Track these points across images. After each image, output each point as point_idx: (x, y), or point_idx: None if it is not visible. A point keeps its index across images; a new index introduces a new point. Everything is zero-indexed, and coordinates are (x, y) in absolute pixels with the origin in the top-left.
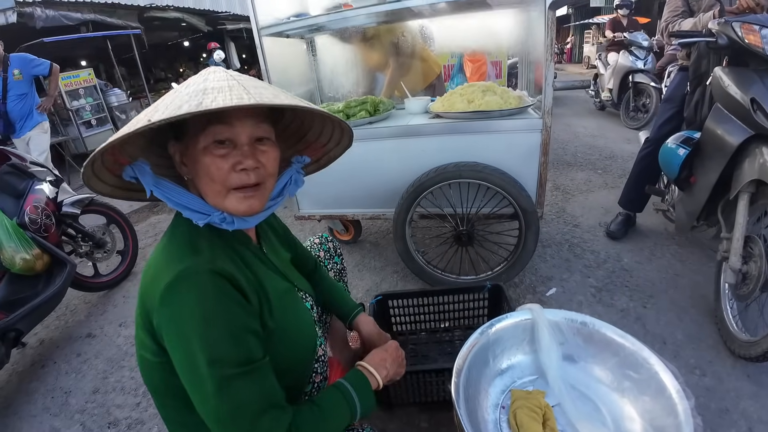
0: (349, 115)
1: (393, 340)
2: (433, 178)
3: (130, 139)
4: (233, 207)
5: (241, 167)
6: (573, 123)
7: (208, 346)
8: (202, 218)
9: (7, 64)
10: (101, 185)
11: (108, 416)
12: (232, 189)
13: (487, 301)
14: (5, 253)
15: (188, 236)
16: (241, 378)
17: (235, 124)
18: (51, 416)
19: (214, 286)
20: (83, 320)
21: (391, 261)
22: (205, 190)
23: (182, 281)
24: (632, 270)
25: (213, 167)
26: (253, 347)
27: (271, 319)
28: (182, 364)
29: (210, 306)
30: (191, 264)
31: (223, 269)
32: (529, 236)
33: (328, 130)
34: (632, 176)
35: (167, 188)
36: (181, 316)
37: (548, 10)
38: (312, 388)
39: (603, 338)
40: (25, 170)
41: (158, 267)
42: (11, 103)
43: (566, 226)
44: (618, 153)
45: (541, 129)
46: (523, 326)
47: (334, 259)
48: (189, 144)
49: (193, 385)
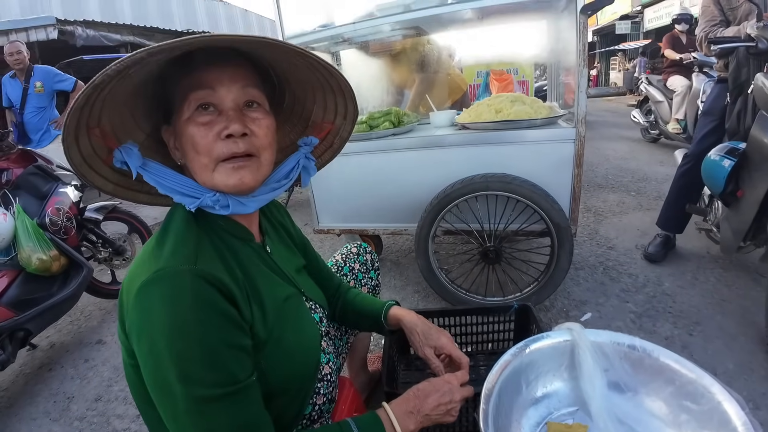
0: (372, 126)
1: (453, 375)
2: (459, 190)
3: (122, 121)
4: (222, 182)
5: (226, 132)
6: (602, 146)
7: (179, 361)
8: (192, 202)
9: (30, 75)
10: (101, 181)
11: (107, 426)
12: (220, 161)
13: (513, 324)
14: (23, 252)
15: (177, 229)
16: (217, 401)
17: (219, 88)
18: (50, 421)
19: (193, 291)
20: (96, 326)
21: (412, 280)
22: (194, 166)
23: (156, 283)
24: (674, 295)
25: (197, 137)
26: (234, 366)
27: (263, 329)
28: (151, 376)
29: (184, 315)
30: (170, 264)
31: (207, 272)
32: (562, 254)
33: (331, 101)
34: (671, 194)
35: (156, 170)
36: (150, 323)
37: (580, 15)
38: (312, 410)
39: (655, 364)
40: (51, 173)
41: (140, 262)
42: (29, 115)
43: (600, 248)
44: (651, 175)
45: (575, 139)
46: (561, 348)
47: (370, 274)
48: (176, 122)
49: (161, 401)
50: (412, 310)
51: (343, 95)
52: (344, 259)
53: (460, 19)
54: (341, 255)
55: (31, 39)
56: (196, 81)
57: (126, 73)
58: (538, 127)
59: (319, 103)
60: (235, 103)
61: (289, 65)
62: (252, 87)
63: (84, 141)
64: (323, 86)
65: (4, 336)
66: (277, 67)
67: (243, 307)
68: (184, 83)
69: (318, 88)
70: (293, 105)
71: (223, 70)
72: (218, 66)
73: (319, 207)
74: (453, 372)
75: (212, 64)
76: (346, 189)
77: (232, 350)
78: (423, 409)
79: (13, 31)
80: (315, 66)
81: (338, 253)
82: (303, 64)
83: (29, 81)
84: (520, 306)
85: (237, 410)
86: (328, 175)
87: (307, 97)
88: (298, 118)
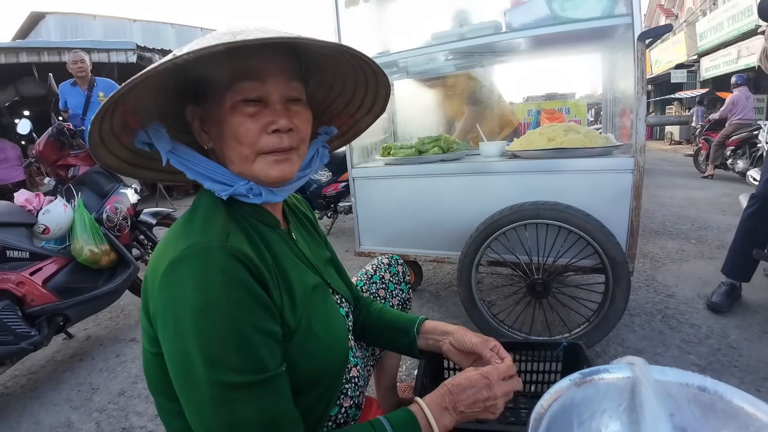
0: (422, 151)
1: (493, 367)
2: (508, 217)
3: (144, 99)
4: (263, 173)
5: (274, 127)
6: (658, 193)
7: (207, 343)
8: (224, 189)
9: (93, 85)
10: (108, 156)
11: (125, 421)
12: (261, 153)
13: (561, 364)
14: (76, 242)
15: (206, 210)
16: (244, 389)
17: (267, 80)
18: (71, 408)
19: (224, 268)
20: (132, 325)
21: (451, 313)
22: (231, 155)
23: (186, 260)
24: (741, 348)
25: (242, 128)
26: (264, 353)
27: (293, 317)
28: (175, 361)
29: (214, 293)
30: (200, 240)
31: (239, 250)
32: (618, 292)
33: (359, 95)
34: (737, 239)
35: (186, 154)
36: (177, 302)
37: (638, 42)
38: (339, 412)
39: (728, 408)
40: (115, 174)
41: (166, 242)
42: (89, 122)
43: (657, 295)
44: (713, 224)
45: (633, 169)
46: (620, 386)
47: (401, 286)
48: (211, 106)
49: (184, 389)
50: None
51: (376, 93)
52: (375, 268)
53: (514, 49)
54: (372, 265)
55: (112, 60)
56: (244, 70)
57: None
58: (593, 156)
59: (346, 95)
60: (281, 96)
61: (334, 61)
62: (295, 80)
63: (107, 119)
64: (357, 82)
65: (42, 318)
66: (318, 57)
67: (273, 291)
68: (228, 69)
69: (351, 82)
70: (316, 91)
71: (273, 61)
72: (268, 56)
73: (362, 228)
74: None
75: (263, 53)
76: (390, 211)
77: (262, 335)
78: (458, 406)
79: (96, 50)
80: (362, 66)
81: (369, 264)
82: (349, 62)
83: (92, 90)
84: (570, 344)
85: (266, 402)
86: (373, 197)
87: (333, 87)
88: (317, 104)
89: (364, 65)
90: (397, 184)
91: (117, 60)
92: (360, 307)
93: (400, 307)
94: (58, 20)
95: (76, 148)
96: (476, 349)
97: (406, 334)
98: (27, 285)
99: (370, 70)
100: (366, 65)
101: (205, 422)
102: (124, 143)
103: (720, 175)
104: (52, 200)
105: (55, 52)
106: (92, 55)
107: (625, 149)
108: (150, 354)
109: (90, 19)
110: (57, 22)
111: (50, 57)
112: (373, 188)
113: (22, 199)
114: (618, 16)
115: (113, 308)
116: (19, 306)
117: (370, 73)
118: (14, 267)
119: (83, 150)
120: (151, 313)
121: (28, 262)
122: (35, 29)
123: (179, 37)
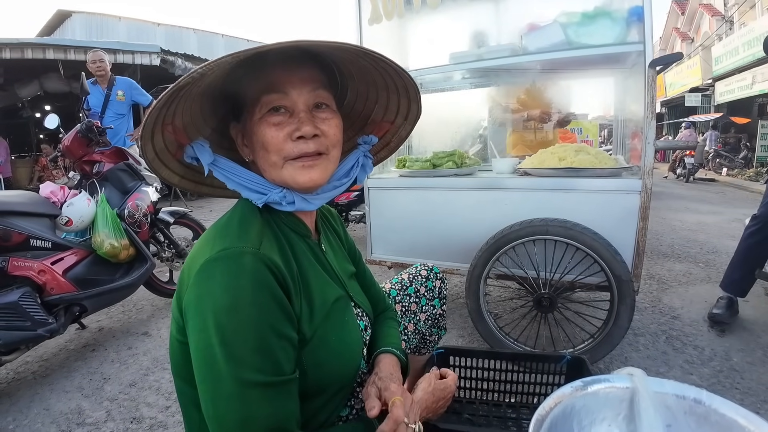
0: (436, 165)
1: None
2: (517, 232)
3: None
4: (291, 179)
5: (298, 134)
6: (668, 216)
7: (230, 341)
8: (260, 198)
9: (113, 84)
10: (168, 173)
11: (135, 411)
12: (289, 159)
13: (564, 378)
14: (97, 236)
15: (243, 216)
16: (261, 388)
17: (290, 91)
18: (82, 396)
19: (254, 273)
20: (144, 319)
21: (458, 324)
22: (262, 163)
23: (220, 261)
24: (743, 371)
25: (268, 136)
26: (282, 356)
27: (309, 326)
28: (199, 354)
29: (242, 295)
30: (235, 244)
31: (269, 258)
32: (622, 310)
33: (394, 102)
34: (737, 255)
35: (225, 166)
36: (208, 299)
37: (649, 69)
38: (350, 413)
39: (722, 421)
40: (138, 172)
41: (204, 241)
42: (108, 120)
43: (663, 316)
44: (722, 248)
45: (641, 190)
46: (620, 396)
47: (434, 302)
48: (246, 121)
49: (205, 382)
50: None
51: (408, 97)
52: (411, 279)
53: (529, 71)
54: (408, 275)
55: (136, 62)
56: (268, 83)
57: (208, 75)
58: (602, 176)
59: (381, 102)
60: (306, 105)
61: (358, 67)
62: (321, 89)
63: (158, 137)
64: (388, 87)
65: (60, 307)
66: (344, 67)
67: (294, 299)
68: (255, 84)
69: (383, 87)
70: (354, 102)
71: (294, 72)
72: (290, 68)
73: (375, 237)
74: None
75: (284, 66)
76: (403, 222)
77: (281, 340)
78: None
79: (120, 51)
80: (384, 68)
81: (406, 272)
82: (371, 66)
83: (111, 89)
84: (574, 358)
85: (278, 404)
86: (387, 207)
87: (369, 96)
88: (358, 115)
89: (386, 66)
90: (411, 196)
91: (141, 62)
92: (380, 321)
93: (428, 322)
94: (84, 19)
95: (102, 145)
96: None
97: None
98: (48, 274)
99: (393, 72)
100: (387, 65)
101: (219, 415)
102: (182, 161)
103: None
104: (77, 194)
105: (81, 50)
106: (117, 56)
107: (634, 171)
108: (177, 341)
109: (115, 21)
110: (83, 22)
111: (76, 55)
112: (386, 198)
113: (47, 191)
114: (630, 44)
115: (126, 302)
116: (39, 294)
117: (395, 75)
118: (36, 256)
119: (109, 147)
120: (183, 305)
121: (50, 252)
122: (61, 27)
123: (201, 42)
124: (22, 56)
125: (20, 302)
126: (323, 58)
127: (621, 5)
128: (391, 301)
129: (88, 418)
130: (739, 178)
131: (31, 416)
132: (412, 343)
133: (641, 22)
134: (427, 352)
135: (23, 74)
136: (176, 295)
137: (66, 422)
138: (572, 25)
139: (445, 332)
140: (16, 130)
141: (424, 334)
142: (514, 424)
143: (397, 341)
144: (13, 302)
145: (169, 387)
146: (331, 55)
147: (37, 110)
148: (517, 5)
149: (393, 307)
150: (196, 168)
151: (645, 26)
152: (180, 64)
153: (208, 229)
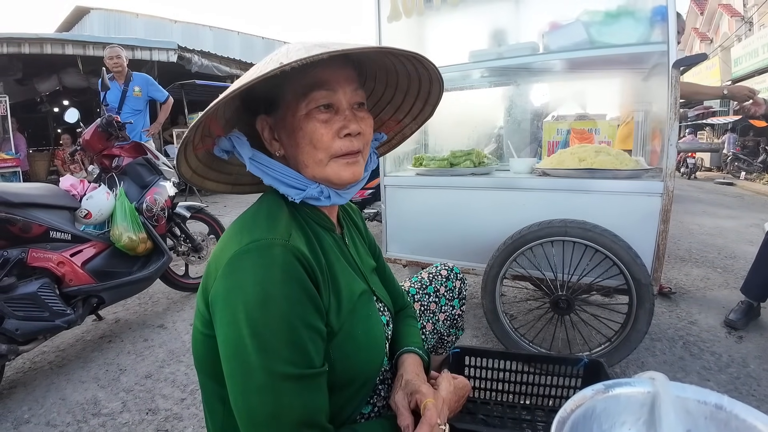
0: (453, 164)
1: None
2: (536, 233)
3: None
4: (335, 175)
5: (346, 132)
6: (686, 220)
7: (262, 333)
8: (298, 193)
9: (130, 79)
10: (185, 167)
11: (151, 402)
12: (335, 156)
13: (581, 381)
14: (116, 229)
15: (271, 209)
16: (293, 380)
17: (338, 89)
18: (98, 387)
19: (284, 265)
20: (160, 312)
21: (472, 325)
22: (305, 160)
23: (250, 253)
24: (760, 378)
25: (317, 133)
26: (312, 348)
27: (336, 319)
28: (229, 346)
29: (272, 287)
30: (265, 236)
31: (299, 249)
32: (641, 314)
33: (408, 103)
34: (758, 260)
35: (264, 161)
36: (238, 292)
37: (672, 69)
38: (372, 411)
39: (742, 426)
40: (156, 166)
41: (231, 235)
42: (125, 115)
43: (680, 321)
44: (740, 254)
45: (662, 193)
46: (641, 400)
47: (453, 302)
48: (285, 115)
49: (234, 374)
50: (476, 346)
51: (425, 100)
52: (431, 278)
53: (549, 70)
54: (428, 273)
55: (153, 58)
56: (317, 80)
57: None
58: (622, 178)
59: (395, 103)
60: (350, 103)
61: (385, 70)
62: (360, 88)
63: (198, 132)
64: (408, 88)
65: (79, 298)
66: (369, 68)
67: (323, 292)
68: (300, 81)
69: (401, 88)
70: (367, 97)
71: (340, 71)
72: (334, 67)
73: (390, 235)
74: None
75: (330, 65)
76: (419, 221)
77: (311, 332)
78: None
79: (138, 48)
80: (410, 71)
81: (426, 271)
82: (403, 71)
83: (128, 85)
84: (591, 361)
85: (308, 396)
86: (403, 205)
87: (383, 96)
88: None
89: (422, 69)
90: (428, 194)
91: (158, 58)
92: (399, 319)
93: (447, 322)
94: (102, 16)
95: (121, 139)
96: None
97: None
98: (67, 265)
99: (425, 72)
100: (424, 69)
101: (249, 408)
102: (197, 154)
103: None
104: (96, 187)
105: (100, 46)
106: (135, 53)
107: (654, 173)
108: (201, 335)
109: (133, 17)
110: (101, 18)
111: (95, 51)
112: (403, 196)
113: (67, 184)
114: (654, 43)
115: (142, 295)
116: (57, 285)
117: (425, 77)
118: (56, 247)
119: (128, 142)
120: (211, 298)
121: (69, 244)
122: (79, 23)
123: (217, 39)
124: (41, 51)
125: (39, 293)
126: (357, 61)
127: (644, 5)
128: (410, 300)
129: (104, 408)
130: (758, 182)
131: (47, 406)
132: (430, 343)
133: (665, 22)
134: (443, 351)
135: (42, 69)
136: (201, 288)
137: (82, 412)
138: (595, 24)
139: (463, 332)
140: (35, 124)
141: (442, 334)
142: (528, 426)
143: (419, 340)
144: (32, 293)
145: (184, 379)
146: (359, 56)
147: (55, 105)
148: (539, 3)
149: (411, 305)
150: (205, 162)
151: (669, 26)
152: (196, 60)
153: (233, 222)
